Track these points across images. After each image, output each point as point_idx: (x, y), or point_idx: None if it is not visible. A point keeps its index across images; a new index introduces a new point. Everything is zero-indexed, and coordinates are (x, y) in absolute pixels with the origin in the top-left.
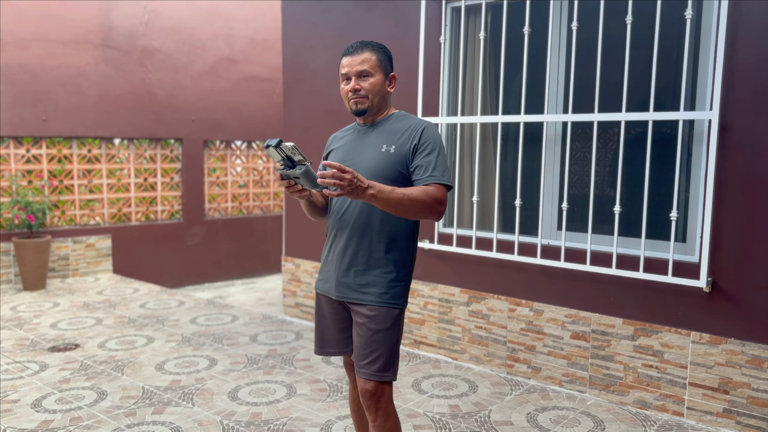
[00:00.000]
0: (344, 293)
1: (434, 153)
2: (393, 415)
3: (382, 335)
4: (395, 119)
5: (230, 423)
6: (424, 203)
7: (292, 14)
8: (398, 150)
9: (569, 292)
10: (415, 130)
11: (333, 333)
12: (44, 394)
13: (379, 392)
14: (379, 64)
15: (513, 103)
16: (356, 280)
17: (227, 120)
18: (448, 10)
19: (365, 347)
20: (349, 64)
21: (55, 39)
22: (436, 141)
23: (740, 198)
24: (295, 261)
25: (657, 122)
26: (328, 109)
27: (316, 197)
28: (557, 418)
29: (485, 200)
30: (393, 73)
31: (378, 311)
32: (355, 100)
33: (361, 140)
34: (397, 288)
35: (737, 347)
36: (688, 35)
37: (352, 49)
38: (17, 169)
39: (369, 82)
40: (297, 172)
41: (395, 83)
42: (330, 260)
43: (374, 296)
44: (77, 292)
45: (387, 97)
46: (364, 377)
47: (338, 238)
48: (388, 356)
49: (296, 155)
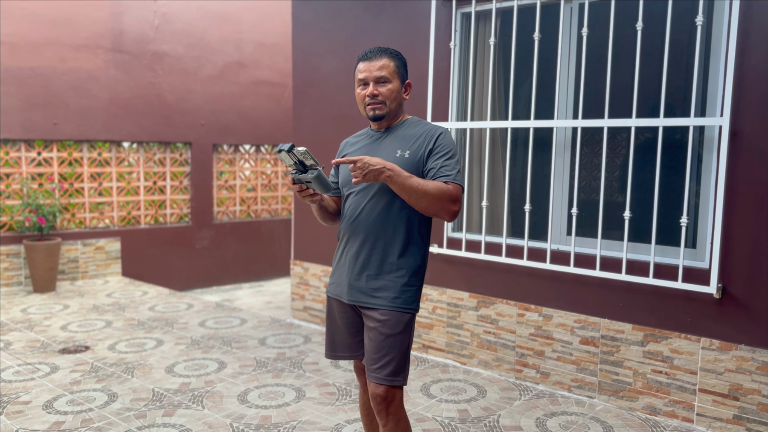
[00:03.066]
0: (356, 297)
1: (448, 156)
2: (404, 420)
3: (394, 340)
4: (409, 125)
5: (240, 426)
6: (437, 198)
7: (302, 19)
8: (413, 155)
9: (578, 298)
10: (430, 135)
11: (344, 337)
12: (55, 396)
13: (390, 397)
14: (397, 71)
15: (522, 108)
16: (368, 284)
17: (236, 124)
18: (458, 16)
19: (377, 351)
20: (367, 69)
21: (66, 43)
22: (451, 146)
23: (751, 204)
24: (304, 264)
25: (667, 128)
26: (338, 114)
27: (328, 202)
28: (566, 424)
29: (494, 205)
30: (408, 80)
31: (390, 315)
32: (373, 106)
33: (376, 146)
34: (409, 293)
35: (747, 353)
36: (698, 41)
37: (370, 55)
38: (28, 172)
39: (387, 88)
40: (309, 176)
41: (410, 90)
42: (342, 264)
43: (386, 300)
44: (87, 294)
45: (402, 103)
46: (375, 381)
47: (351, 243)
48: (399, 361)
49: (308, 159)
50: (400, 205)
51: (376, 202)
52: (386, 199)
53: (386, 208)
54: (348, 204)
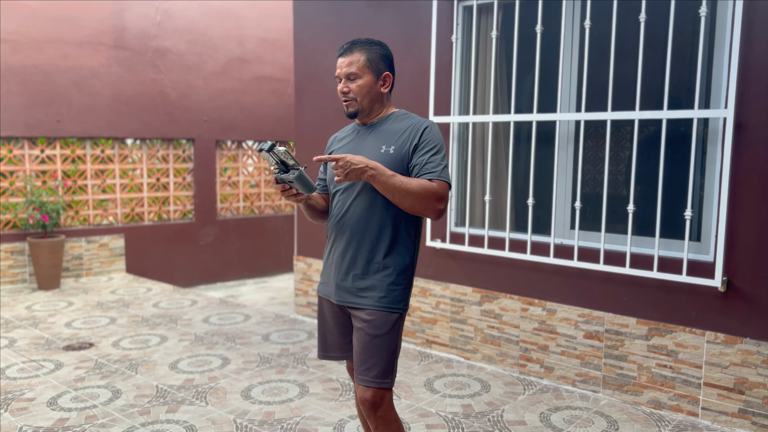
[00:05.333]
0: (343, 297)
1: (434, 151)
2: (395, 421)
3: (380, 340)
4: (395, 119)
5: (243, 422)
6: (421, 196)
7: (304, 14)
8: (398, 150)
9: (582, 292)
10: (415, 129)
11: (335, 337)
12: (60, 393)
13: (378, 399)
14: (368, 64)
15: (525, 101)
16: (355, 284)
17: (239, 120)
18: (459, 9)
19: (364, 353)
20: (339, 66)
21: (68, 40)
22: (437, 140)
23: (755, 196)
24: (307, 260)
25: (671, 120)
26: (340, 109)
27: (317, 199)
28: (570, 418)
29: (497, 199)
30: (387, 72)
31: (376, 315)
32: (345, 103)
33: (361, 141)
34: (396, 292)
35: (753, 347)
36: (702, 33)
37: (342, 50)
38: (32, 169)
39: (357, 84)
40: (291, 176)
41: (390, 82)
42: (330, 263)
43: (372, 300)
44: (91, 291)
45: (382, 97)
46: (363, 384)
47: (338, 242)
48: (386, 362)
49: (289, 160)
50: (387, 204)
51: (362, 201)
52: (372, 197)
53: (372, 206)
54: (335, 202)
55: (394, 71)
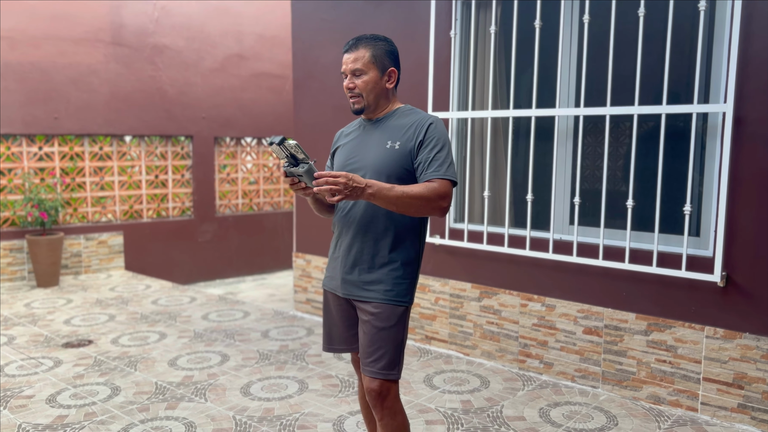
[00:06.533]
0: (350, 291)
1: (438, 148)
2: (400, 413)
3: (387, 333)
4: (401, 114)
5: (243, 418)
6: (425, 200)
7: (302, 10)
8: (403, 146)
9: (581, 287)
10: (420, 125)
11: (340, 330)
12: (59, 390)
13: (384, 390)
14: (373, 60)
15: (524, 97)
16: (361, 277)
17: (237, 117)
18: (458, 5)
19: (370, 345)
20: (345, 62)
21: (66, 37)
22: (442, 136)
23: (755, 191)
24: (306, 257)
25: (670, 115)
26: (338, 105)
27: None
28: (570, 414)
29: (496, 195)
30: (392, 67)
31: (382, 308)
32: (352, 100)
33: (367, 137)
34: (402, 285)
35: (752, 342)
36: (701, 27)
37: (348, 46)
38: (30, 166)
39: (362, 80)
40: (300, 170)
41: (395, 78)
42: (336, 257)
43: (379, 293)
44: (90, 288)
45: (387, 92)
46: (369, 375)
47: (344, 236)
48: (393, 354)
49: (299, 153)
50: None
51: None
52: None
53: None
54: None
55: (399, 67)
